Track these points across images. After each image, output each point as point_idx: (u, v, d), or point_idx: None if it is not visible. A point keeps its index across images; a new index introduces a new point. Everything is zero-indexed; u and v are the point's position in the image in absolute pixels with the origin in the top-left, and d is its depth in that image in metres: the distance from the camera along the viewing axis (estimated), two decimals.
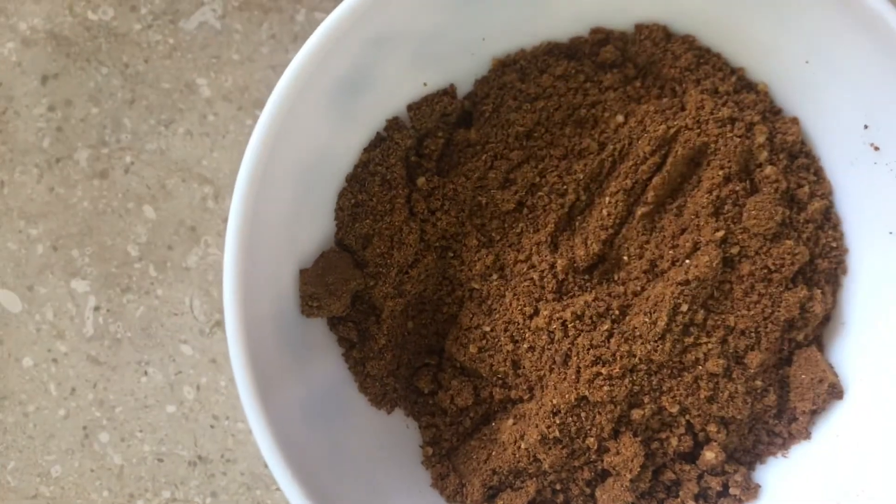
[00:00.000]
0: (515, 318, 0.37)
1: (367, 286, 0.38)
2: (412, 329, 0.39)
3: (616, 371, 0.35)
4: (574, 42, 0.39)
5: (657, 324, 0.35)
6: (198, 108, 0.45)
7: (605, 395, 0.35)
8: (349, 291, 0.37)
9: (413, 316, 0.39)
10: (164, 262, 0.45)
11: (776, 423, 0.37)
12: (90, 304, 0.45)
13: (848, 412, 0.37)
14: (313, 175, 0.37)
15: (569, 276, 0.37)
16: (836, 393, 0.37)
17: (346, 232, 0.38)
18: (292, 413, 0.35)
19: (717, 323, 0.36)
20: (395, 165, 0.38)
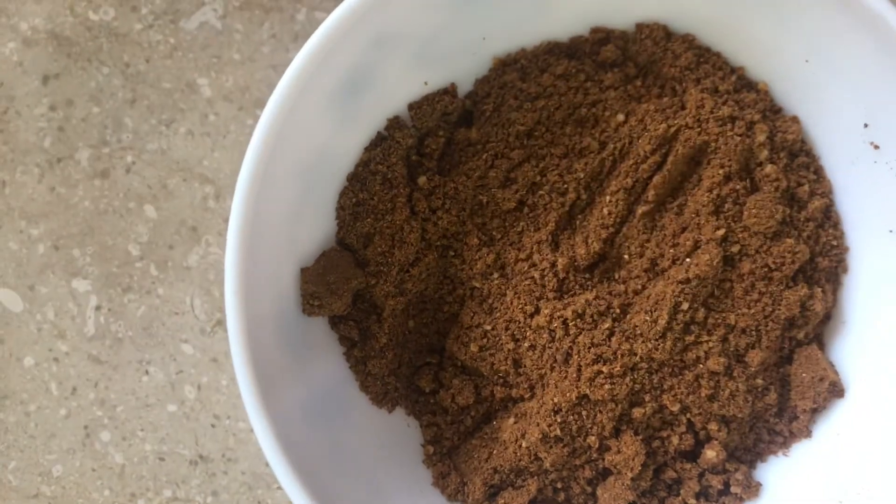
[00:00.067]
0: (516, 317, 0.37)
1: (369, 285, 0.38)
2: (413, 328, 0.39)
3: (617, 369, 0.35)
4: (575, 41, 0.39)
5: (658, 322, 0.35)
6: (199, 107, 0.45)
7: (606, 393, 0.35)
8: (350, 290, 0.37)
9: (414, 315, 0.39)
10: (166, 261, 0.45)
11: (777, 421, 0.37)
12: (91, 304, 0.45)
13: (849, 410, 0.37)
14: (314, 174, 0.37)
15: (570, 274, 0.37)
16: (837, 391, 0.37)
17: (347, 231, 0.38)
18: (293, 412, 0.35)
19: (718, 321, 0.36)
20: (396, 164, 0.38)
